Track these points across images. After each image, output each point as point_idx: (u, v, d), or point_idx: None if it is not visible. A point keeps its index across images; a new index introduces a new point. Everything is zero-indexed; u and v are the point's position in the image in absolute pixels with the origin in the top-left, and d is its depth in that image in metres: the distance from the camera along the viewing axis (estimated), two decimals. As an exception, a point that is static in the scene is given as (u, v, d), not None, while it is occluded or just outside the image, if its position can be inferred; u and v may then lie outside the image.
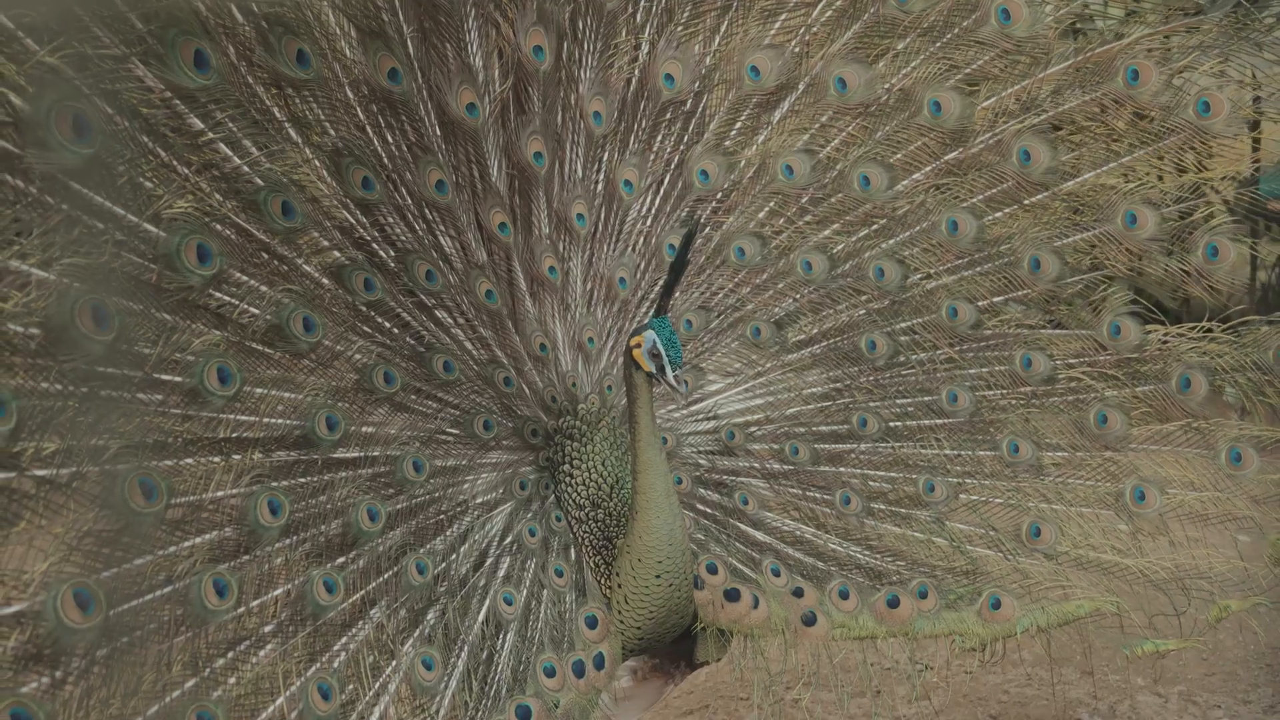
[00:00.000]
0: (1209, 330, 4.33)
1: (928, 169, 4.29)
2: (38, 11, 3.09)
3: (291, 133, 3.58)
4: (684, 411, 4.23)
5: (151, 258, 3.24)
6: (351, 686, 3.52)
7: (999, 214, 4.31)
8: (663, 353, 3.62)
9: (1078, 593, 4.26)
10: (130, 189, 3.22)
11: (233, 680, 3.31)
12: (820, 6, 4.22)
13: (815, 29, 4.23)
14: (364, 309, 3.72)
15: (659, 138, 4.21)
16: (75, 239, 3.09)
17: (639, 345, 3.67)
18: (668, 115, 4.19)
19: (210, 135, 3.39)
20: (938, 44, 4.24)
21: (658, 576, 3.81)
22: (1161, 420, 4.36)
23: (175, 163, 3.32)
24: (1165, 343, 4.35)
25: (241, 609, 3.35)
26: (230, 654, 3.33)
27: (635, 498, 3.76)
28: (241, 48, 3.43)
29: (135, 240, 3.21)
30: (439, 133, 3.81)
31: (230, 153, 3.43)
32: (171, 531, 3.25)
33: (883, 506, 4.28)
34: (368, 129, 3.70)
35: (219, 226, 3.40)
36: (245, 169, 3.46)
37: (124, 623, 3.10)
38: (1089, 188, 4.32)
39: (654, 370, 3.66)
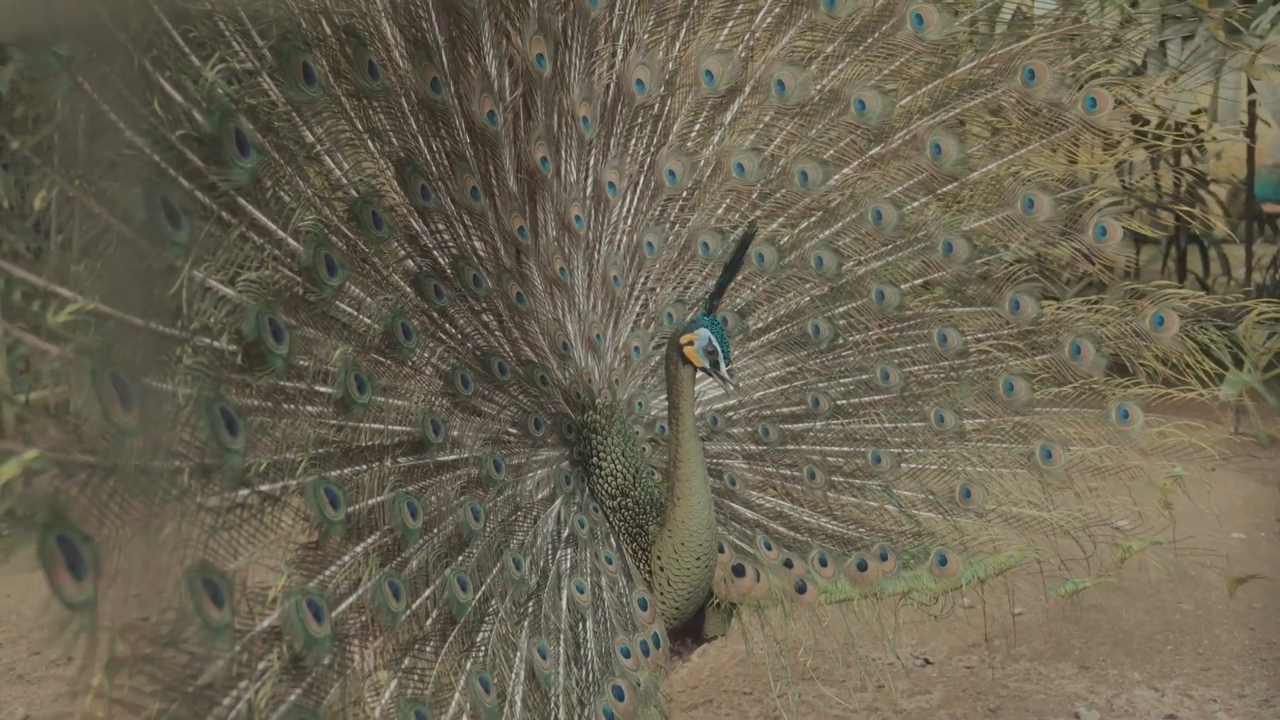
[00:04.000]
0: (1094, 302, 5.15)
1: (855, 164, 4.89)
2: (198, 29, 3.33)
3: (370, 144, 3.89)
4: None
5: (296, 270, 3.52)
6: (497, 678, 3.87)
7: (916, 203, 4.97)
8: (718, 349, 4.12)
9: (1005, 545, 4.99)
10: (275, 203, 3.49)
11: (416, 679, 3.62)
12: (761, 13, 4.77)
13: (758, 34, 4.78)
14: (436, 316, 4.07)
15: (633, 140, 4.67)
16: (247, 255, 3.36)
17: (691, 342, 4.14)
18: (639, 119, 4.66)
19: (318, 147, 3.68)
20: (861, 47, 4.85)
21: (698, 559, 4.29)
22: (1059, 385, 5.13)
23: (297, 176, 3.59)
24: (1058, 315, 5.14)
25: (408, 611, 3.66)
26: (409, 656, 3.65)
27: (676, 485, 4.23)
28: (331, 61, 3.72)
29: (284, 254, 3.49)
30: (468, 140, 4.16)
31: (333, 164, 3.73)
32: (349, 539, 3.55)
33: (841, 479, 4.87)
34: (419, 137, 4.03)
35: (333, 238, 3.69)
36: (344, 180, 3.76)
37: (338, 631, 3.40)
38: (992, 177, 5.04)
39: (706, 366, 4.14)
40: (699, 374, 4.22)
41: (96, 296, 2.82)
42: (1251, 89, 9.47)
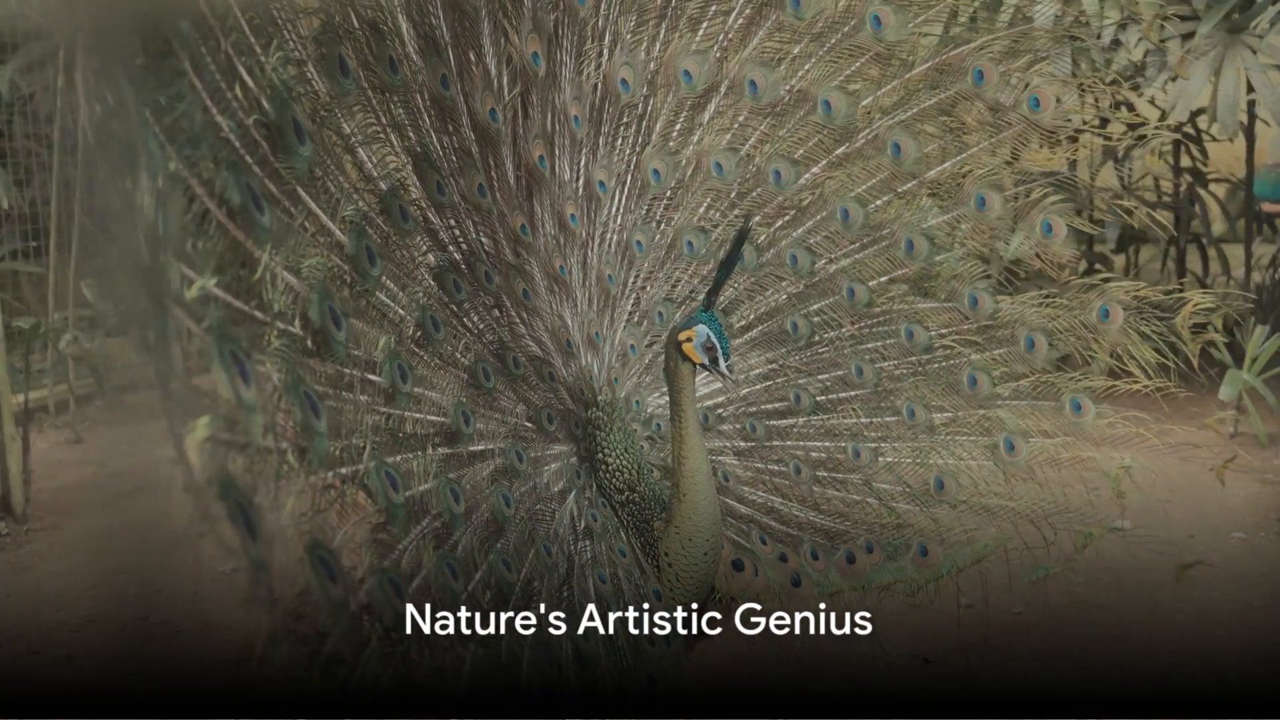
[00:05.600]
0: (1046, 297, 5.36)
1: (823, 162, 5.04)
2: (258, 15, 3.38)
3: (393, 138, 3.97)
4: (664, 399, 4.80)
5: (343, 259, 3.59)
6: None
7: (879, 201, 5.14)
8: (716, 345, 4.22)
9: (978, 535, 5.16)
10: (324, 194, 3.54)
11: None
12: (734, 14, 4.91)
13: (731, 35, 4.91)
14: (456, 310, 4.14)
15: (619, 140, 4.77)
16: (305, 244, 3.42)
17: (689, 339, 4.23)
18: (625, 118, 4.76)
19: (353, 139, 3.75)
20: (825, 48, 5.01)
21: (704, 554, 4.38)
22: (1016, 378, 5.33)
23: (338, 170, 3.66)
24: (1014, 310, 5.34)
25: (466, 592, 3.74)
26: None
27: (681, 481, 4.31)
28: (360, 55, 3.79)
29: (333, 243, 3.56)
30: (473, 137, 4.24)
31: (365, 157, 3.80)
32: (408, 522, 3.62)
33: (824, 473, 4.99)
34: (432, 133, 4.11)
35: (370, 230, 3.75)
36: (374, 173, 3.83)
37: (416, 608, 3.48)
38: (947, 175, 5.22)
39: (706, 362, 4.24)
40: (697, 370, 4.33)
41: (212, 276, 2.87)
42: (1251, 88, 9.76)
